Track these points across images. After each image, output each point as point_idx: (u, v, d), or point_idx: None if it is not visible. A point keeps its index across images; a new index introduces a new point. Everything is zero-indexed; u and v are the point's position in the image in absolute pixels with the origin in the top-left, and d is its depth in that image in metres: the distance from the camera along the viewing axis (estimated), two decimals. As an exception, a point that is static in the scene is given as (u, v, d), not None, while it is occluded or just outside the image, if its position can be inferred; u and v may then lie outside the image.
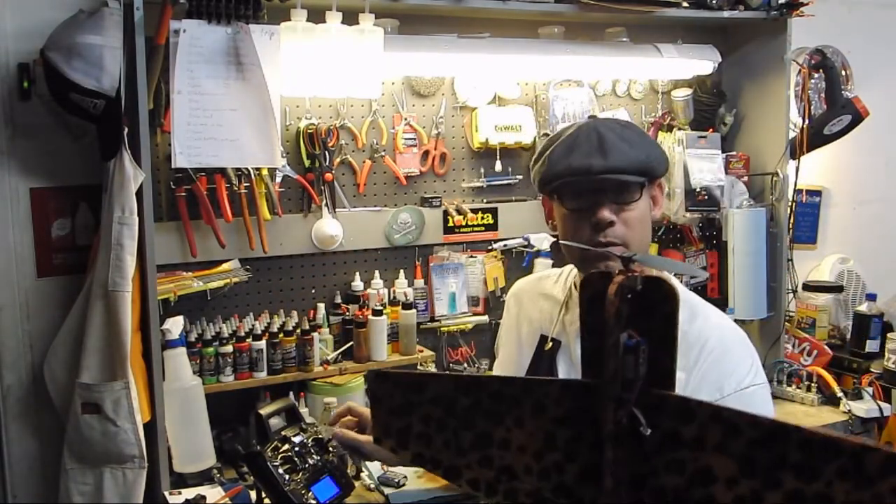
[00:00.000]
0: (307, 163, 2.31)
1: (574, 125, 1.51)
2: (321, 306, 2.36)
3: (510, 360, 1.64)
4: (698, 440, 0.69)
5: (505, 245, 2.58)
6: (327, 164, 2.31)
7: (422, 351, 2.41)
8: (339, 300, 2.38)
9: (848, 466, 0.62)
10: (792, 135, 2.73)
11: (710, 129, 2.77)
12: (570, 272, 1.62)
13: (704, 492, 0.69)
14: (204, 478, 2.03)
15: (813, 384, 2.66)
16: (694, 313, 1.43)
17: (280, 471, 1.69)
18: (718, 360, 1.36)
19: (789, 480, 0.65)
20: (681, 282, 2.72)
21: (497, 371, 1.67)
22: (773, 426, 0.66)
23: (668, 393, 0.70)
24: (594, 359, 0.73)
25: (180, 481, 2.01)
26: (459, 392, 0.80)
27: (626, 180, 1.41)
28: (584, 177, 1.41)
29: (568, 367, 1.50)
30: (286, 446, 1.75)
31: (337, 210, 2.35)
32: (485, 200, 2.58)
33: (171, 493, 1.93)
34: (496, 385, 0.79)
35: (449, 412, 0.80)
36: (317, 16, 2.05)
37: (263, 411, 1.92)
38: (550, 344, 1.53)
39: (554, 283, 1.65)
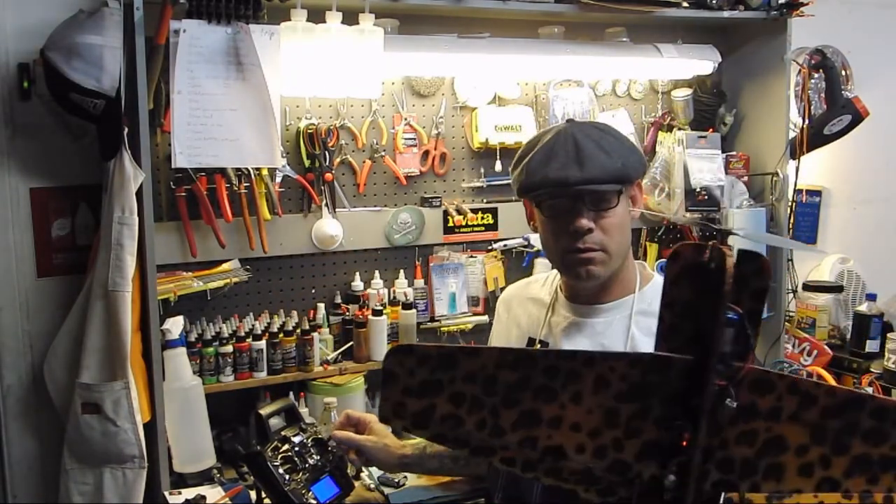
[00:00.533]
0: (307, 163, 2.31)
1: (552, 130, 1.55)
2: (321, 306, 2.36)
3: None
4: (774, 411, 0.70)
5: (505, 245, 2.58)
6: (327, 164, 2.31)
7: (422, 351, 2.41)
8: (339, 300, 2.38)
9: None
10: (792, 135, 2.73)
11: (710, 129, 2.77)
12: (556, 275, 1.65)
13: (773, 461, 0.70)
14: (204, 478, 2.03)
15: (813, 384, 2.65)
16: None
17: (280, 471, 1.69)
18: None
19: (857, 445, 0.68)
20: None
21: None
22: (848, 395, 0.68)
23: (748, 365, 0.70)
24: (672, 331, 0.71)
25: (180, 481, 2.01)
26: (503, 367, 0.71)
27: (602, 190, 1.43)
28: (561, 188, 1.45)
29: None
30: (286, 446, 1.76)
31: (337, 210, 2.35)
32: (485, 200, 2.58)
33: (171, 493, 1.93)
34: (551, 359, 0.72)
35: (488, 390, 0.71)
36: (317, 16, 2.05)
37: (263, 411, 1.92)
38: (538, 346, 1.55)
39: (541, 286, 1.68)
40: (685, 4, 2.46)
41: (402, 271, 2.47)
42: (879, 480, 0.68)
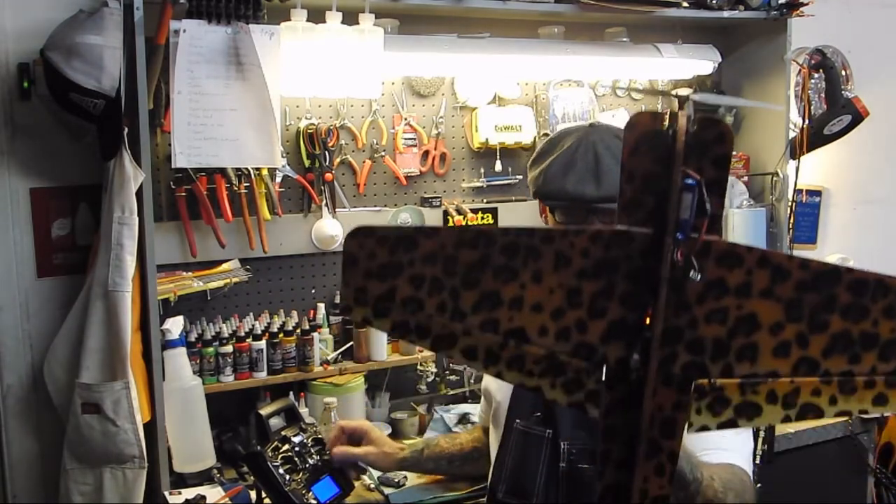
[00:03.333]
0: (307, 163, 2.31)
1: (573, 133, 1.56)
2: (321, 306, 2.36)
3: None
4: (744, 286, 0.66)
5: (505, 245, 2.58)
6: (327, 164, 2.31)
7: (422, 351, 2.41)
8: (339, 300, 2.38)
9: (895, 304, 0.63)
10: (792, 135, 2.73)
11: (710, 129, 2.77)
12: None
13: (746, 340, 0.66)
14: (204, 478, 2.03)
15: (813, 384, 2.65)
16: None
17: (280, 471, 1.69)
18: None
19: (836, 321, 0.64)
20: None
21: (486, 378, 1.68)
22: (823, 267, 0.65)
23: (715, 238, 0.67)
24: (632, 205, 0.68)
25: (180, 481, 2.01)
26: (463, 246, 0.67)
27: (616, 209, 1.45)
28: (577, 204, 1.48)
29: None
30: (286, 446, 1.76)
31: (337, 210, 2.35)
32: (485, 200, 2.58)
33: (171, 493, 1.93)
34: (511, 236, 0.68)
35: (447, 271, 0.67)
36: (317, 16, 2.05)
37: (263, 411, 1.92)
38: None
39: None
40: (685, 4, 2.46)
41: (402, 271, 2.46)
42: (861, 359, 0.65)
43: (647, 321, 0.67)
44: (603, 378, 0.70)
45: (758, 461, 2.17)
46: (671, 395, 0.68)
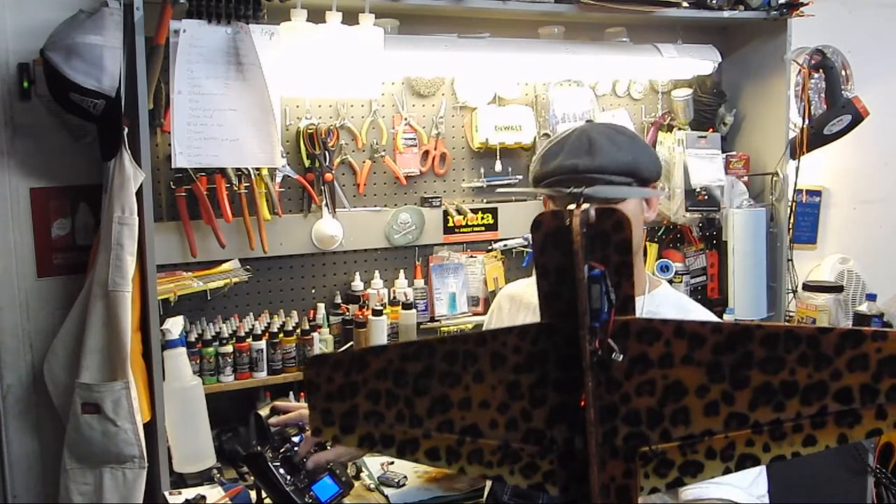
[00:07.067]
0: (307, 163, 2.31)
1: (570, 129, 1.59)
2: (321, 306, 2.36)
3: None
4: (666, 357, 0.71)
5: (505, 245, 2.58)
6: (327, 164, 2.31)
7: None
8: (339, 300, 2.38)
9: (807, 351, 0.67)
10: (792, 135, 2.73)
11: (710, 129, 2.77)
12: None
13: (677, 406, 0.71)
14: (204, 478, 2.03)
15: (813, 384, 2.65)
16: (686, 312, 1.52)
17: (281, 471, 1.69)
18: None
19: (756, 375, 0.69)
20: (679, 282, 2.72)
21: None
22: (734, 328, 0.70)
23: (631, 318, 0.72)
24: (551, 298, 0.74)
25: (180, 481, 2.01)
26: (407, 360, 0.75)
27: (610, 179, 1.45)
28: (571, 175, 1.48)
29: None
30: (286, 446, 1.75)
31: (337, 210, 2.35)
32: (485, 200, 2.58)
33: (171, 493, 1.93)
34: (448, 345, 0.76)
35: (398, 383, 0.75)
36: (317, 16, 2.05)
37: (263, 411, 1.92)
38: None
39: None
40: (685, 4, 2.46)
41: (402, 271, 2.47)
42: (786, 407, 0.69)
43: (582, 403, 0.72)
44: (555, 459, 0.75)
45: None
46: (619, 465, 0.73)
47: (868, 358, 0.66)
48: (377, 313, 2.31)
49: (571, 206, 0.71)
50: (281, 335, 2.22)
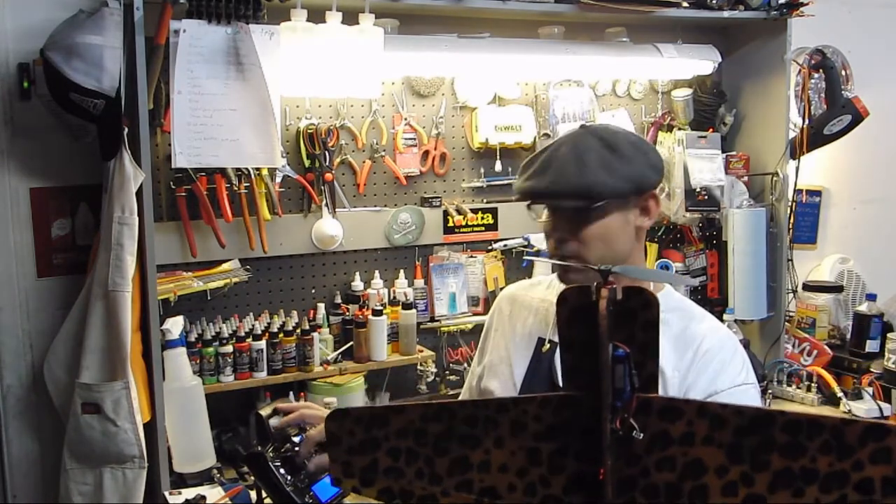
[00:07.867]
0: (307, 163, 2.31)
1: (562, 139, 1.48)
2: (321, 306, 2.36)
3: (502, 360, 1.64)
4: (687, 436, 0.71)
5: (505, 245, 2.58)
6: (327, 164, 2.31)
7: (422, 351, 2.41)
8: (339, 300, 2.38)
9: (830, 440, 0.67)
10: (792, 135, 2.73)
11: (710, 129, 2.77)
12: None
13: (696, 483, 0.72)
14: (204, 478, 2.03)
15: (813, 384, 2.65)
16: (690, 317, 1.47)
17: (281, 471, 1.69)
18: (712, 359, 1.39)
19: (776, 460, 0.69)
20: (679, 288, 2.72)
21: (488, 374, 1.67)
22: (756, 413, 0.70)
23: (653, 396, 0.72)
24: (575, 372, 0.75)
25: (180, 481, 2.01)
26: (428, 421, 0.77)
27: (561, 205, 1.40)
28: (525, 198, 1.45)
29: None
30: (287, 446, 1.75)
31: (337, 210, 2.35)
32: (485, 200, 2.58)
33: (171, 493, 1.93)
34: (469, 409, 0.77)
35: (419, 442, 0.78)
36: (317, 16, 2.05)
37: (263, 411, 1.92)
38: (548, 346, 1.55)
39: (546, 288, 1.67)
40: (685, 4, 2.46)
41: (402, 271, 2.47)
42: (805, 493, 0.69)
43: (601, 476, 0.73)
44: None
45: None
46: None
47: (891, 451, 0.66)
48: (377, 313, 2.31)
49: (556, 234, 0.70)
50: (281, 335, 2.22)
